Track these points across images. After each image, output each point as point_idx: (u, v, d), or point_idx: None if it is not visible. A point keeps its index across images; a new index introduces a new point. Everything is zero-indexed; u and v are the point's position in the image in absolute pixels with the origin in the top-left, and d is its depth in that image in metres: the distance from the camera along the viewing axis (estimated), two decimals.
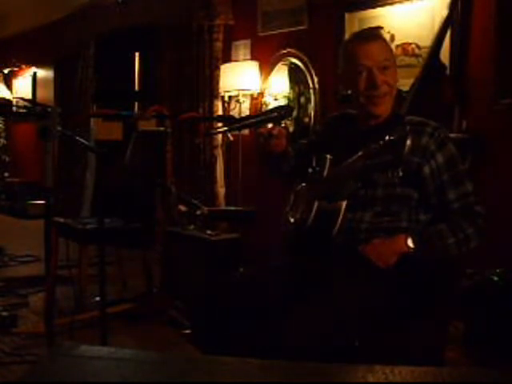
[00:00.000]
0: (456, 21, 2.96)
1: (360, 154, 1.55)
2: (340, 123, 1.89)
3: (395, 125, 1.69)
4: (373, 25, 3.41)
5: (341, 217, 1.63)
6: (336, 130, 1.88)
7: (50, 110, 1.83)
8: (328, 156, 1.73)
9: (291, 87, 4.06)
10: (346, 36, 3.51)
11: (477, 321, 2.43)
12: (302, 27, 3.91)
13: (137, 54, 5.83)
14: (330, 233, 1.63)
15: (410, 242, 1.60)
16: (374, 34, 1.79)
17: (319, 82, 3.82)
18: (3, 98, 7.44)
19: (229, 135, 4.24)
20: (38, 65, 7.20)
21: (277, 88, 4.13)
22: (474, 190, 1.65)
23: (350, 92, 1.75)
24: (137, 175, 3.42)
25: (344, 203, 1.64)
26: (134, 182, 3.51)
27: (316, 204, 1.69)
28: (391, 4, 3.33)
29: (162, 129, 4.24)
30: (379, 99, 1.69)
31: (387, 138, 1.47)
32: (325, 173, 1.73)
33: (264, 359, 0.77)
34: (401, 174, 1.59)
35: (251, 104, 4.32)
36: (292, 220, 1.83)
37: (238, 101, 4.25)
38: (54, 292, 3.04)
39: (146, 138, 3.77)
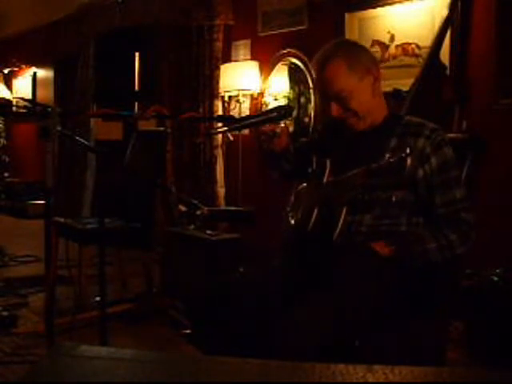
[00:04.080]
0: (456, 21, 2.96)
1: (361, 169, 1.53)
2: (340, 123, 1.87)
3: (394, 126, 1.69)
4: (373, 25, 3.42)
5: (341, 221, 1.63)
6: (336, 130, 1.87)
7: (50, 110, 1.82)
8: (328, 160, 1.72)
9: (291, 87, 4.06)
10: (346, 36, 3.51)
11: (477, 321, 2.43)
12: (301, 27, 3.91)
13: (137, 54, 5.83)
14: (330, 236, 1.62)
15: (389, 245, 1.60)
16: (328, 57, 1.67)
17: None
18: (3, 98, 7.44)
19: (229, 135, 4.24)
20: (38, 65, 7.20)
21: (277, 88, 4.13)
22: (463, 197, 1.62)
23: None
24: (137, 175, 3.41)
25: (344, 208, 1.63)
26: (133, 182, 3.51)
27: (316, 209, 1.69)
28: (391, 4, 3.33)
29: (161, 129, 4.25)
30: (349, 120, 1.69)
31: (387, 157, 1.45)
32: (324, 179, 1.72)
33: (264, 359, 0.77)
34: (398, 197, 1.59)
35: (251, 104, 4.32)
36: (292, 222, 1.83)
37: (238, 101, 4.25)
38: (54, 292, 3.03)
39: (145, 138, 3.77)
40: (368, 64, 1.69)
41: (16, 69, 7.63)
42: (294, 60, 3.98)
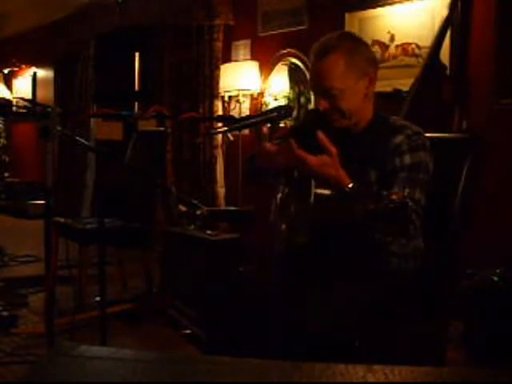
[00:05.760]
0: (456, 21, 2.96)
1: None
2: (323, 120, 1.70)
3: (379, 129, 1.66)
4: (373, 25, 3.42)
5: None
6: (319, 126, 1.65)
7: (49, 109, 1.83)
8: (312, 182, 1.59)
9: (291, 87, 4.06)
10: None
11: (477, 321, 2.43)
12: (302, 27, 3.91)
13: (137, 54, 5.83)
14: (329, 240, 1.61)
15: (349, 185, 1.47)
16: (328, 49, 1.59)
17: None
18: (3, 98, 7.43)
19: (229, 135, 4.24)
20: (38, 65, 7.20)
21: (277, 88, 4.13)
22: (420, 201, 1.53)
23: None
24: (137, 175, 3.41)
25: None
26: (134, 182, 3.51)
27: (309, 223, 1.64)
28: (391, 4, 3.33)
29: (162, 129, 4.25)
30: (331, 118, 1.64)
31: (387, 202, 1.36)
32: (311, 199, 1.60)
33: (264, 359, 0.77)
34: None
35: (251, 104, 4.32)
36: (283, 227, 1.75)
37: (238, 101, 4.25)
38: (54, 292, 3.03)
39: (145, 138, 3.77)
40: (367, 65, 1.64)
41: (16, 69, 7.62)
42: (294, 60, 3.98)
